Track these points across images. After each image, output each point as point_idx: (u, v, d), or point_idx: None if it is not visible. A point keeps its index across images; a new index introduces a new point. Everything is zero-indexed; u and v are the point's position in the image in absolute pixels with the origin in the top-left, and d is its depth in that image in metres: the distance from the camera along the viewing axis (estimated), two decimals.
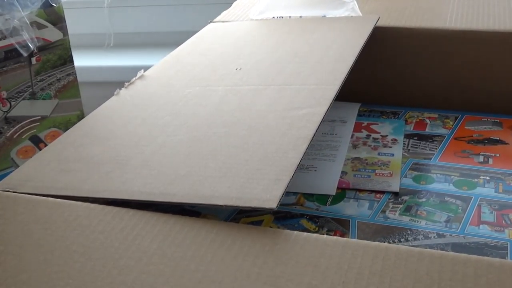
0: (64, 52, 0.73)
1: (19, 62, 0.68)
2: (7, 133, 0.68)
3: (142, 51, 1.10)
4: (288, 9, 0.67)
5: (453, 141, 0.58)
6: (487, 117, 0.63)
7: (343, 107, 0.65)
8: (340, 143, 0.57)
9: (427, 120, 0.64)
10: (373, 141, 0.59)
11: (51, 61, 0.72)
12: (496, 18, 0.64)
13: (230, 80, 0.51)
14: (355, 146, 0.58)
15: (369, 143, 0.58)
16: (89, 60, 1.05)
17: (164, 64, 0.57)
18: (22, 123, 0.70)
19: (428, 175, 0.52)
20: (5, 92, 0.67)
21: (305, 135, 0.40)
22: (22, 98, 0.69)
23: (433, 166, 0.53)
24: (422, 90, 0.67)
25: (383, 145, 0.58)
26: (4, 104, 0.67)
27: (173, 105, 0.47)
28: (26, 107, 0.70)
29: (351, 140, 0.59)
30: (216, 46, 0.60)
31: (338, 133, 0.59)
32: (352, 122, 0.62)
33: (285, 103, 0.45)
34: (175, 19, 1.10)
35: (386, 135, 0.60)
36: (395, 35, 0.65)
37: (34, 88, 0.70)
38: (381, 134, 0.60)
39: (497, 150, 0.56)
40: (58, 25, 0.72)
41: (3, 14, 0.64)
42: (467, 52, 0.63)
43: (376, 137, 0.59)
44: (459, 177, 0.51)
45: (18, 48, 0.66)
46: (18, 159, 0.69)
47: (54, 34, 0.72)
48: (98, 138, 0.43)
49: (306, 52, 0.55)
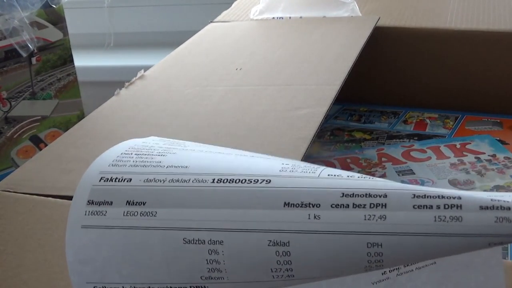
0: (64, 52, 0.73)
1: (19, 62, 0.68)
2: (7, 133, 0.68)
3: (142, 51, 1.10)
4: (288, 9, 0.66)
5: None
6: (487, 117, 0.63)
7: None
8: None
9: (427, 120, 0.64)
10: (490, 163, 0.54)
11: (51, 61, 0.72)
12: (496, 18, 0.64)
13: (230, 80, 0.51)
14: (479, 173, 0.53)
15: (489, 167, 0.53)
16: (89, 60, 1.05)
17: (164, 64, 0.57)
18: (22, 123, 0.70)
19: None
20: (5, 92, 0.67)
21: (305, 136, 0.40)
22: (22, 98, 0.69)
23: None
24: (422, 90, 0.67)
25: (504, 165, 0.53)
26: (4, 104, 0.67)
27: (173, 105, 0.47)
28: (26, 107, 0.70)
29: (455, 168, 0.53)
30: (216, 46, 0.60)
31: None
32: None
33: (285, 103, 0.45)
34: (175, 19, 1.10)
35: (493, 154, 0.55)
36: (395, 35, 0.65)
37: (34, 88, 0.70)
38: (487, 153, 0.55)
39: None
40: (58, 25, 0.72)
41: (3, 14, 0.64)
42: (467, 52, 0.63)
43: (487, 158, 0.55)
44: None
45: (17, 49, 0.66)
46: (18, 159, 0.69)
47: (54, 34, 0.72)
48: (98, 138, 0.43)
49: (306, 52, 0.55)
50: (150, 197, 0.21)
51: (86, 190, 0.22)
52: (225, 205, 0.20)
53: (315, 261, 0.19)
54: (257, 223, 0.20)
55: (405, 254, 0.19)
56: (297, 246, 0.19)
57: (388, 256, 0.19)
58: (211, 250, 0.20)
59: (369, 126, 0.65)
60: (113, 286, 0.21)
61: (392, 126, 0.64)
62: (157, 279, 0.21)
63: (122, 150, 0.24)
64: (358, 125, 0.66)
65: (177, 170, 0.22)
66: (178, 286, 0.21)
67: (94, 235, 0.22)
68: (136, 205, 0.21)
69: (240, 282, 0.20)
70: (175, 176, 0.22)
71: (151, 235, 0.21)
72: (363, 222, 0.19)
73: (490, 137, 0.58)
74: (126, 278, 0.21)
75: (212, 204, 0.21)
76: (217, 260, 0.20)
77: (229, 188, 0.21)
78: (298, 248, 0.19)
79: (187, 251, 0.20)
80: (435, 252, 0.18)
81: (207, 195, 0.21)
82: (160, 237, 0.21)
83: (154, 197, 0.21)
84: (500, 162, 0.54)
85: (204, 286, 0.21)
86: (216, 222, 0.20)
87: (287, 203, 0.20)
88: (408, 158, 0.57)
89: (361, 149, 0.60)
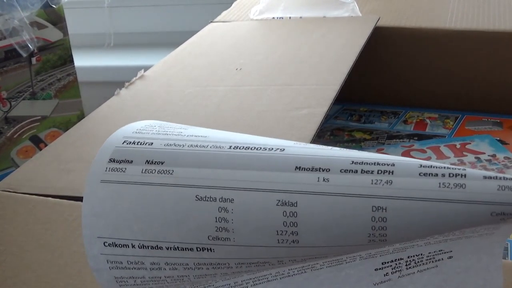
0: (64, 52, 0.73)
1: (19, 62, 0.68)
2: (7, 133, 0.68)
3: (142, 51, 1.10)
4: (288, 9, 0.66)
5: None
6: (487, 117, 0.63)
7: None
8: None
9: (427, 120, 0.64)
10: (490, 163, 0.53)
11: (51, 61, 0.72)
12: (496, 18, 0.64)
13: (230, 80, 0.51)
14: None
15: (489, 167, 0.53)
16: (89, 60, 1.05)
17: (164, 64, 0.57)
18: (22, 123, 0.70)
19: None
20: (5, 92, 0.67)
21: (305, 136, 0.40)
22: (22, 98, 0.69)
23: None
24: (422, 90, 0.67)
25: (504, 165, 0.52)
26: (4, 104, 0.67)
27: (173, 105, 0.47)
28: (26, 107, 0.70)
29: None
30: (216, 46, 0.60)
31: None
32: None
33: (286, 104, 0.45)
34: (175, 19, 1.10)
35: (493, 154, 0.55)
36: (395, 35, 0.65)
37: (34, 88, 0.70)
38: (487, 153, 0.55)
39: None
40: (58, 25, 0.72)
41: (3, 14, 0.64)
42: (467, 52, 0.63)
43: (487, 158, 0.54)
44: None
45: (17, 49, 0.66)
46: (18, 159, 0.69)
47: (54, 34, 0.72)
48: (98, 138, 0.43)
49: (306, 53, 0.55)
50: (169, 157, 0.22)
51: (109, 150, 0.23)
52: (239, 167, 0.21)
53: (321, 225, 0.20)
54: (268, 183, 0.20)
55: (409, 221, 0.19)
56: (305, 207, 0.20)
57: (392, 222, 0.19)
58: (221, 207, 0.21)
59: (369, 126, 0.65)
60: (122, 242, 0.22)
61: (392, 126, 0.64)
62: (166, 237, 0.21)
63: (147, 123, 0.25)
64: (358, 125, 0.66)
65: (196, 138, 0.23)
66: (185, 247, 0.21)
67: (112, 190, 0.22)
68: (154, 164, 0.22)
69: (246, 245, 0.21)
70: (194, 142, 0.23)
71: (165, 191, 0.21)
72: (369, 186, 0.19)
73: (490, 137, 0.59)
74: (136, 234, 0.22)
75: (227, 166, 0.21)
76: (226, 218, 0.21)
77: (244, 153, 0.21)
78: (305, 209, 0.20)
79: (198, 208, 0.21)
80: (438, 220, 0.19)
81: (223, 157, 0.21)
82: (173, 193, 0.21)
83: (173, 157, 0.22)
84: (500, 162, 0.54)
85: (210, 248, 0.21)
86: (229, 181, 0.21)
87: (298, 167, 0.20)
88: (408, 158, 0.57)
89: (361, 149, 0.60)
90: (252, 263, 0.21)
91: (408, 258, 0.21)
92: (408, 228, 0.19)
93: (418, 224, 0.19)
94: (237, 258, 0.21)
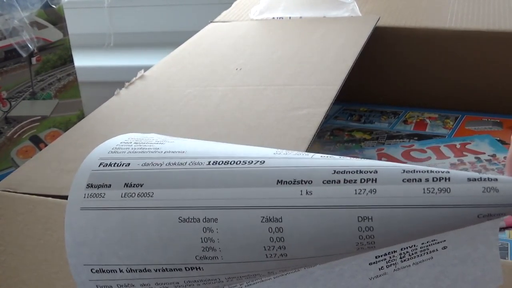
0: (64, 52, 0.73)
1: (19, 62, 0.68)
2: (7, 133, 0.68)
3: (142, 51, 1.10)
4: (288, 9, 0.66)
5: None
6: (487, 117, 0.63)
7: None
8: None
9: (427, 120, 0.64)
10: (490, 163, 0.53)
11: (51, 61, 0.72)
12: (496, 18, 0.64)
13: (230, 80, 0.51)
14: (479, 173, 0.51)
15: (489, 167, 0.53)
16: (89, 60, 1.05)
17: (164, 64, 0.57)
18: (22, 123, 0.70)
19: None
20: (5, 92, 0.67)
21: (305, 136, 0.40)
22: (22, 98, 0.69)
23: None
24: (422, 90, 0.67)
25: (504, 165, 0.52)
26: (4, 104, 0.67)
27: (173, 105, 0.47)
28: (26, 107, 0.70)
29: (455, 168, 0.51)
30: (216, 46, 0.60)
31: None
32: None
33: (285, 104, 0.45)
34: (175, 19, 1.10)
35: (493, 154, 0.54)
36: (395, 35, 0.65)
37: (34, 88, 0.70)
38: (487, 153, 0.55)
39: None
40: (58, 25, 0.72)
41: (3, 14, 0.64)
42: (467, 52, 0.63)
43: (487, 158, 0.54)
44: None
45: (17, 49, 0.66)
46: (18, 159, 0.69)
47: (54, 34, 0.72)
48: (98, 138, 0.43)
49: (306, 52, 0.55)
50: (147, 179, 0.22)
51: (86, 174, 0.23)
52: (220, 185, 0.21)
53: (308, 238, 0.20)
54: (250, 200, 0.20)
55: (396, 228, 0.19)
56: (290, 221, 0.20)
57: (379, 231, 0.19)
58: (206, 228, 0.20)
59: (369, 126, 0.65)
60: (110, 268, 0.22)
61: (392, 126, 0.64)
62: (153, 260, 0.21)
63: (122, 140, 0.24)
64: (358, 125, 0.66)
65: (174, 155, 0.22)
66: (174, 267, 0.21)
67: (92, 217, 0.22)
68: (133, 187, 0.22)
69: (234, 262, 0.20)
70: (172, 160, 0.22)
71: (147, 215, 0.21)
72: (353, 196, 0.19)
73: (490, 137, 0.58)
74: (122, 259, 0.21)
75: (208, 184, 0.21)
76: (211, 238, 0.20)
77: (224, 169, 0.21)
78: (290, 223, 0.20)
79: (183, 230, 0.21)
80: (425, 226, 0.18)
81: (203, 176, 0.21)
82: (156, 216, 0.21)
83: (152, 178, 0.22)
84: (500, 162, 0.54)
85: (199, 267, 0.21)
86: (211, 200, 0.21)
87: (280, 181, 0.20)
88: (408, 158, 0.57)
89: (361, 149, 0.60)
90: (242, 276, 0.21)
91: (402, 250, 0.21)
92: (395, 234, 0.19)
93: (405, 230, 0.19)
94: (227, 273, 0.21)
